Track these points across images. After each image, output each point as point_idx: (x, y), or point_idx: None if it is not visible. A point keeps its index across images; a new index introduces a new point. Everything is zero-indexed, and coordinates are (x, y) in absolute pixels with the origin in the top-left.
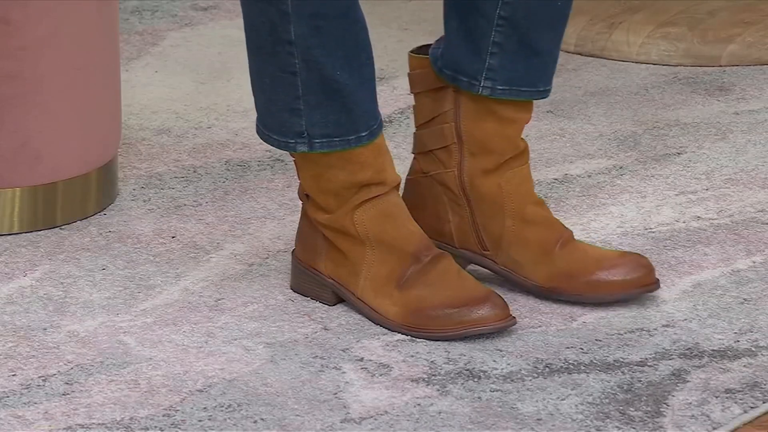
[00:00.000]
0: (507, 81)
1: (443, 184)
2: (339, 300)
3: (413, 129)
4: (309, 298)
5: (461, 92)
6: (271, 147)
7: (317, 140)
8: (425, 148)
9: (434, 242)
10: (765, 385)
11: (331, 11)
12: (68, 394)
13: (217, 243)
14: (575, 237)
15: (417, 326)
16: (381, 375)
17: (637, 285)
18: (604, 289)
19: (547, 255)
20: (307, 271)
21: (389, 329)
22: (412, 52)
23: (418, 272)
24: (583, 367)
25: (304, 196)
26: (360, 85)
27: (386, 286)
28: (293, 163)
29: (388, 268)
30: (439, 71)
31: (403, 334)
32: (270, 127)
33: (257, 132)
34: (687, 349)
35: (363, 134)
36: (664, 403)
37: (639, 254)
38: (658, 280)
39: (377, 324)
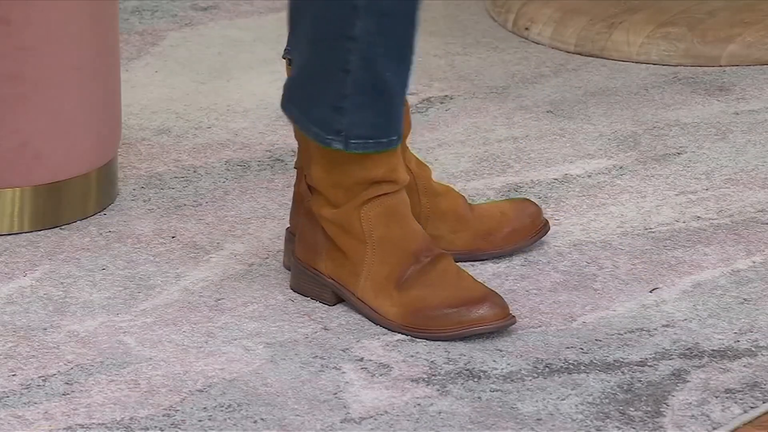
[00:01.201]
0: None
1: None
2: (339, 300)
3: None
4: (309, 298)
5: None
6: (273, 147)
7: (353, 140)
8: None
9: None
10: (765, 385)
11: (400, 11)
12: (68, 394)
13: (217, 243)
14: (575, 235)
15: (417, 327)
16: (381, 375)
17: (531, 232)
18: (515, 239)
19: (463, 220)
20: (307, 270)
21: (389, 330)
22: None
23: (418, 272)
24: (583, 367)
25: (309, 189)
26: (401, 88)
27: (386, 286)
28: (298, 152)
29: (388, 268)
30: None
31: (403, 334)
32: (312, 118)
33: (290, 112)
34: (687, 349)
35: (394, 138)
36: (664, 403)
37: (528, 201)
38: (547, 221)
39: (377, 324)
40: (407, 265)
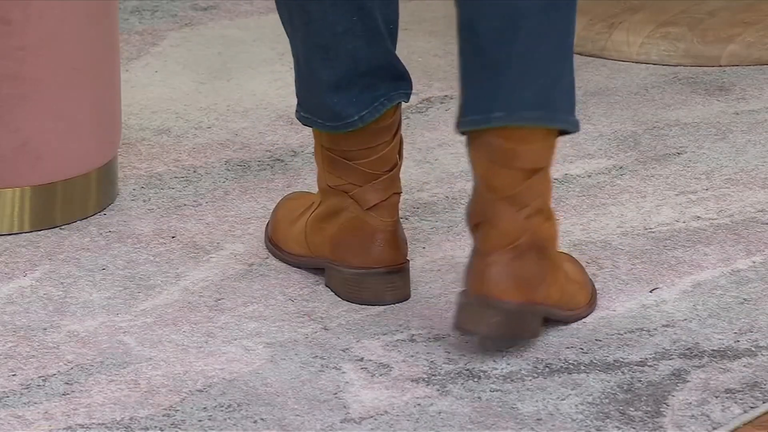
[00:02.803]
0: None
1: None
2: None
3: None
4: (310, 300)
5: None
6: (273, 147)
7: None
8: None
9: None
10: (765, 385)
11: None
12: (68, 394)
13: (217, 243)
14: (575, 235)
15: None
16: (381, 375)
17: None
18: None
19: None
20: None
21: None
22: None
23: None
24: (583, 367)
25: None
26: None
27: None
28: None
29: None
30: None
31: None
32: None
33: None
34: (687, 349)
35: None
36: (664, 403)
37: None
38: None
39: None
40: None
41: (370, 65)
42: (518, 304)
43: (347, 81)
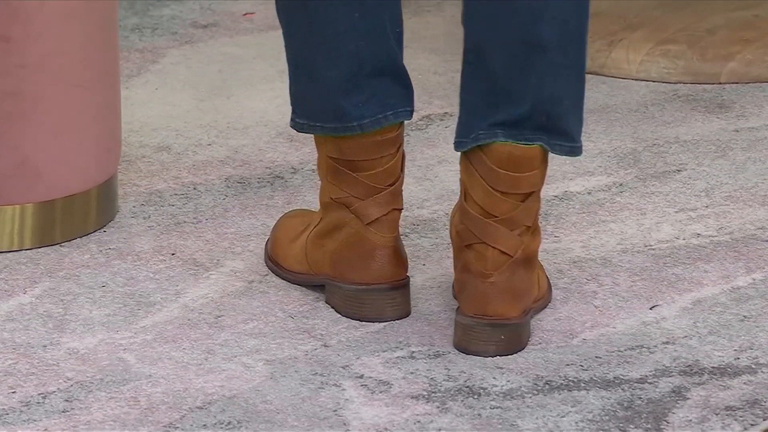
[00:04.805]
0: None
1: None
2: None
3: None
4: (310, 317)
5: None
6: (273, 164)
7: None
8: None
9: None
10: (765, 402)
11: None
12: (68, 411)
13: (217, 260)
14: (575, 252)
15: None
16: (381, 392)
17: None
18: None
19: None
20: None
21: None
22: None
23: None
24: (583, 384)
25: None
26: None
27: None
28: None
29: None
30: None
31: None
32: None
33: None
34: (687, 366)
35: None
36: (665, 421)
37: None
38: None
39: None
40: None
41: (375, 66)
42: (519, 318)
43: (353, 83)
